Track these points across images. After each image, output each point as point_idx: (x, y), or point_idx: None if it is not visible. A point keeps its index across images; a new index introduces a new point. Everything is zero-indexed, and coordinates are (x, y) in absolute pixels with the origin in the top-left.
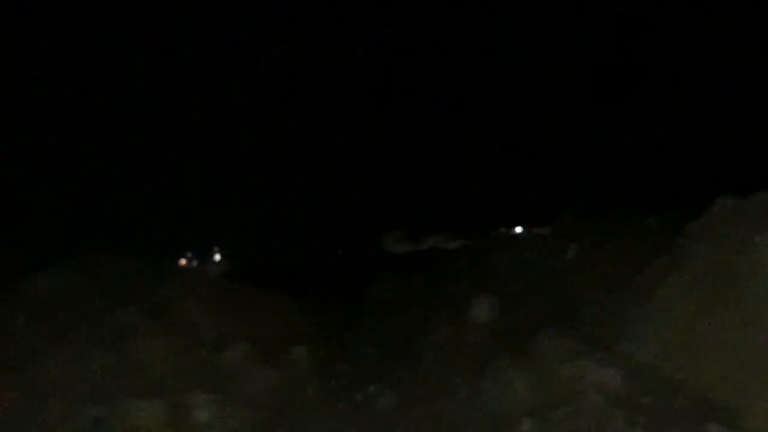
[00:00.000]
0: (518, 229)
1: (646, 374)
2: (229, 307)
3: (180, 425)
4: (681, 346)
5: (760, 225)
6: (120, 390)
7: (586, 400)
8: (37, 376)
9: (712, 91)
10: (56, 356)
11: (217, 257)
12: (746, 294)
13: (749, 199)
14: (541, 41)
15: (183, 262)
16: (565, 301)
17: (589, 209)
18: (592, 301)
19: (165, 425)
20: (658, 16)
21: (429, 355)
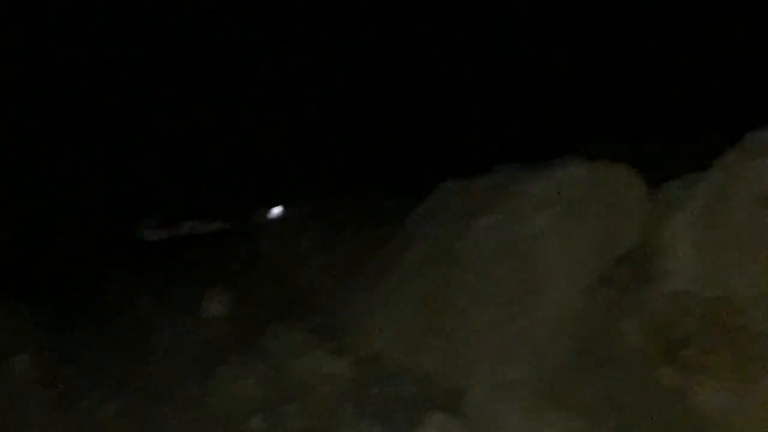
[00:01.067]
0: (277, 210)
1: (376, 363)
2: None
3: None
4: (409, 331)
5: (480, 209)
6: None
7: (316, 393)
8: None
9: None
10: None
11: None
12: (468, 277)
13: (471, 182)
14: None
15: None
16: (298, 292)
17: (334, 191)
18: (324, 290)
19: None
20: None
21: (158, 356)
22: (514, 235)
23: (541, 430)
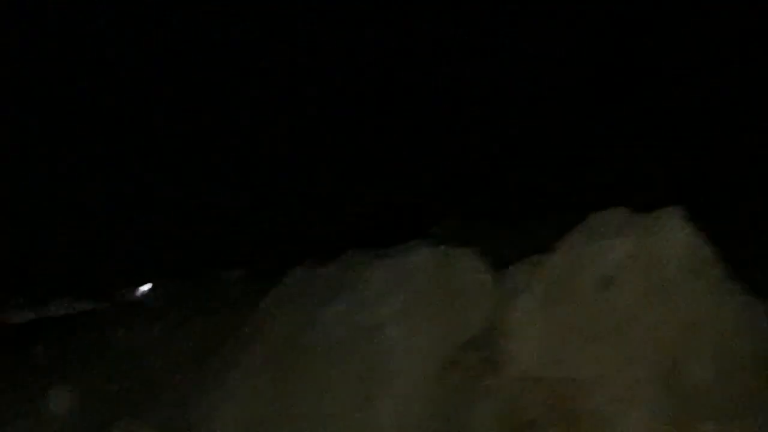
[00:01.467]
0: (146, 288)
1: None
2: None
3: None
4: (258, 425)
5: (327, 297)
6: None
7: None
8: None
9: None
10: None
11: None
12: (316, 368)
13: (320, 269)
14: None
15: None
16: (146, 384)
17: (190, 273)
18: (175, 383)
19: None
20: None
21: None
22: (360, 324)
23: None
